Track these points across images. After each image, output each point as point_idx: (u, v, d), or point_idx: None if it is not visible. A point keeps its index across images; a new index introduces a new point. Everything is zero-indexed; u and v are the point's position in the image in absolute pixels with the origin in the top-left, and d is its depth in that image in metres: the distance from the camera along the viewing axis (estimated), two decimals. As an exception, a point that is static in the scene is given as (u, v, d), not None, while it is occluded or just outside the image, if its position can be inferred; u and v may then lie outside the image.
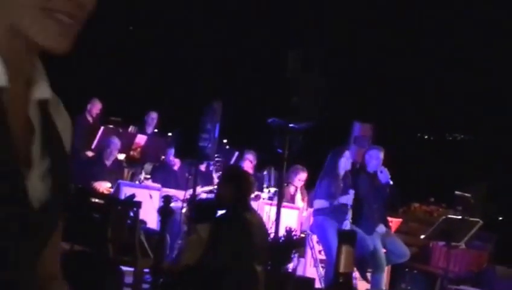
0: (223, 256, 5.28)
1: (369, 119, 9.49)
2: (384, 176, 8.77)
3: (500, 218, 13.71)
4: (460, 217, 8.64)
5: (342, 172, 8.59)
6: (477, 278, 9.89)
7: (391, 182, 8.78)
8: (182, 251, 6.92)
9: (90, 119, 11.55)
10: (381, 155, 8.89)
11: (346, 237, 2.67)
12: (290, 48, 7.76)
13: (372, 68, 16.19)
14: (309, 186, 10.19)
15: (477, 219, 8.74)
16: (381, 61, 15.99)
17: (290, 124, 7.80)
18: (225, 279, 5.13)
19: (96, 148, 10.88)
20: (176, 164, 10.52)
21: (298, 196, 10.30)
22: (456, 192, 9.11)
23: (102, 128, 11.14)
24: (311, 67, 7.66)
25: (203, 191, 9.79)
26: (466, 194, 9.10)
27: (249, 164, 10.64)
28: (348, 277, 2.63)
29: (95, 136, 11.00)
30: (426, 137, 19.92)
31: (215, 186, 9.89)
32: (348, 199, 8.45)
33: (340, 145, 8.94)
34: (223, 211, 5.93)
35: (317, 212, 8.71)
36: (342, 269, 2.61)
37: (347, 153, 8.70)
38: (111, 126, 11.69)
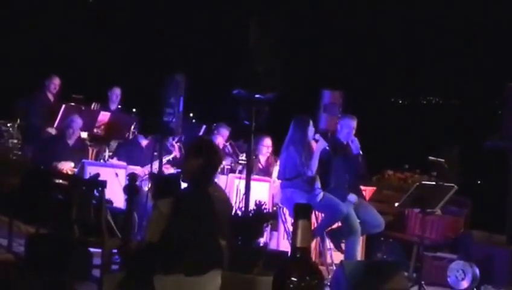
0: (185, 231, 5.06)
1: (340, 85, 9.26)
2: (355, 146, 8.60)
3: (478, 182, 13.64)
4: (434, 183, 8.47)
5: (309, 141, 8.40)
6: (454, 243, 9.79)
7: (361, 152, 8.62)
8: (145, 228, 6.74)
9: (50, 96, 11.31)
10: (354, 124, 8.70)
11: (302, 211, 2.48)
12: (252, 16, 7.55)
13: (344, 31, 15.99)
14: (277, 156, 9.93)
15: (452, 184, 8.59)
16: (351, 23, 15.80)
17: (256, 94, 7.61)
18: (188, 254, 4.92)
19: (58, 126, 10.65)
20: (144, 140, 10.21)
21: (276, 168, 9.93)
22: (430, 157, 8.93)
23: (63, 106, 10.93)
24: (273, 36, 7.46)
25: (165, 162, 9.47)
26: (439, 159, 8.93)
27: (221, 139, 10.32)
28: (306, 251, 2.45)
29: (57, 114, 10.75)
30: (400, 102, 19.80)
31: (174, 155, 9.72)
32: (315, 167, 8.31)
33: (304, 114, 8.67)
34: (186, 185, 5.66)
35: (285, 185, 8.49)
36: (299, 244, 2.44)
37: (311, 122, 8.49)
38: (72, 104, 11.44)
